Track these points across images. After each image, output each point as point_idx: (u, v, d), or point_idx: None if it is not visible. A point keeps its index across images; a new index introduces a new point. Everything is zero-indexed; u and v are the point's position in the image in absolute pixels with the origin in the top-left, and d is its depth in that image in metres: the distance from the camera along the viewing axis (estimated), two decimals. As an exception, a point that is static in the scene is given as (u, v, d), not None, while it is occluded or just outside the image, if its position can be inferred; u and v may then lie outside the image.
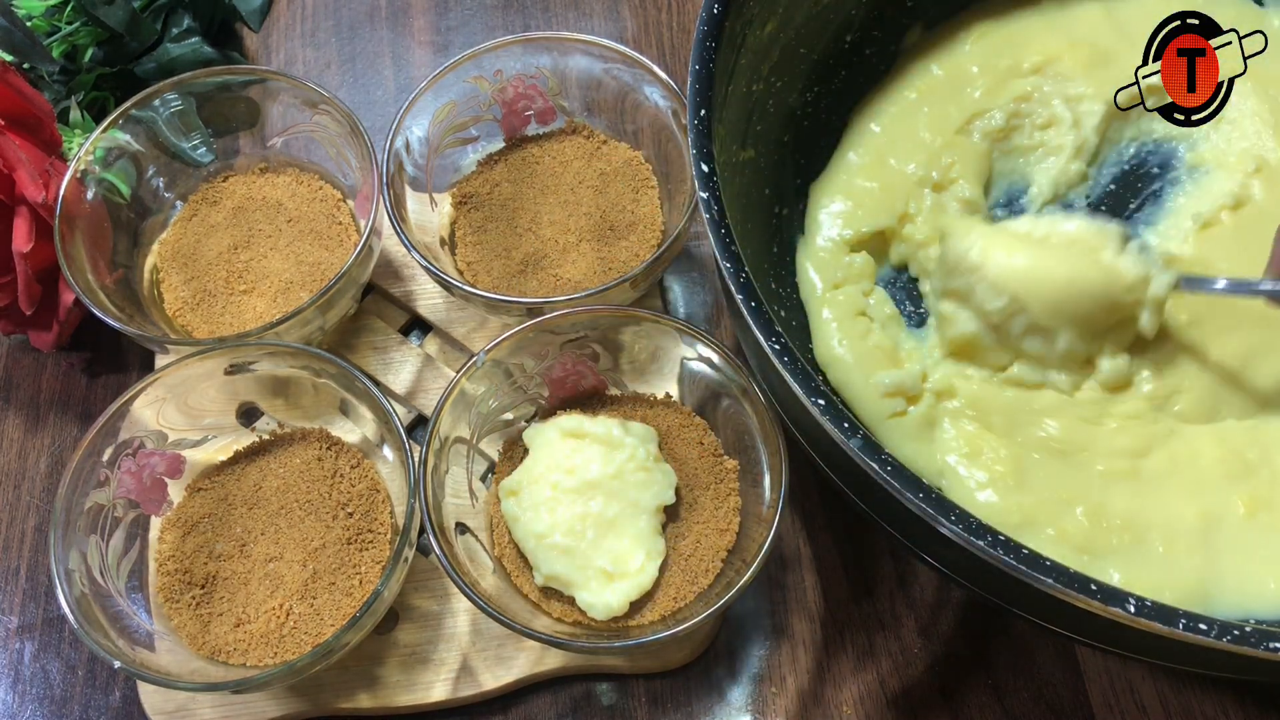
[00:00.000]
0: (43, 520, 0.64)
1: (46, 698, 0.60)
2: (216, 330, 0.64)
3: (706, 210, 0.47)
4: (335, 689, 0.57)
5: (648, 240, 0.66)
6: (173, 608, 0.57)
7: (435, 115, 0.66)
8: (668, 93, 0.65)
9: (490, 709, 0.58)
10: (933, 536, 0.42)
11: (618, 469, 0.56)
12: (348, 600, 0.56)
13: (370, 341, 0.66)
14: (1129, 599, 0.38)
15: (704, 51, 0.51)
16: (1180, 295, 0.59)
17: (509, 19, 0.82)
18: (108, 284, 0.62)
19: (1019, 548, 0.39)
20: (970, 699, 0.58)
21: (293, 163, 0.69)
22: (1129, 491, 0.55)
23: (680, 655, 0.58)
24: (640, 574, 0.55)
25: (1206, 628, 0.38)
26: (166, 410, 0.58)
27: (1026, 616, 0.47)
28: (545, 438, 0.58)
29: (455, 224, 0.67)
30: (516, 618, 0.51)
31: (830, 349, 0.60)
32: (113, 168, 0.65)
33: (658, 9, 0.81)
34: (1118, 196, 0.65)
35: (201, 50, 0.76)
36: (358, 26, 0.82)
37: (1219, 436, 0.56)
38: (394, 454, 0.58)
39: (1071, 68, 0.65)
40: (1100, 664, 0.58)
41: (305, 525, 0.58)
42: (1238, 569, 0.53)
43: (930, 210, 0.62)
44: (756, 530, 0.55)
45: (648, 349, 0.61)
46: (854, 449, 0.42)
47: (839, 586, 0.61)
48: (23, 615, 0.62)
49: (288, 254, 0.66)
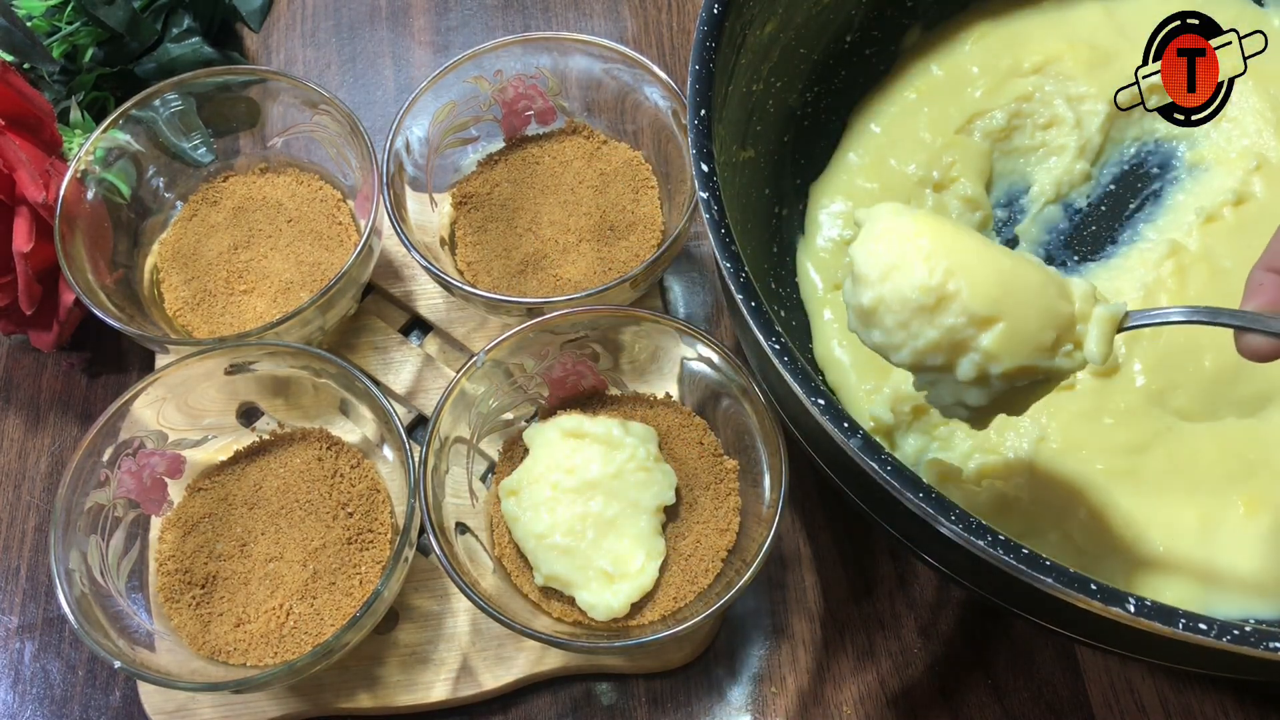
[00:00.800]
0: (43, 520, 0.64)
1: (46, 698, 0.60)
2: (216, 330, 0.64)
3: (706, 210, 0.47)
4: (335, 689, 0.57)
5: (648, 240, 0.66)
6: (173, 608, 0.57)
7: (435, 115, 0.66)
8: (668, 93, 0.65)
9: (490, 709, 0.58)
10: (933, 536, 0.42)
11: (618, 469, 0.56)
12: (348, 600, 0.56)
13: (370, 341, 0.66)
14: (1129, 599, 0.38)
15: (704, 51, 0.51)
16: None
17: (509, 19, 0.82)
18: (108, 284, 0.62)
19: (1019, 548, 0.39)
20: (970, 699, 0.58)
21: (293, 163, 0.69)
22: (1129, 491, 0.55)
23: (680, 655, 0.58)
24: (640, 575, 0.55)
25: (1206, 628, 0.37)
26: (166, 410, 0.58)
27: (1026, 616, 0.47)
28: (545, 438, 0.58)
29: (455, 224, 0.67)
30: (516, 618, 0.51)
31: (830, 350, 0.60)
32: (113, 168, 0.65)
33: (658, 9, 0.81)
34: (1117, 196, 0.65)
35: (201, 50, 0.76)
36: (358, 26, 0.82)
37: (1219, 435, 0.56)
38: (394, 454, 0.58)
39: (1072, 68, 0.65)
40: (1100, 664, 0.58)
41: (305, 525, 0.58)
42: (1238, 569, 0.53)
43: (931, 210, 0.62)
44: (756, 530, 0.55)
45: (648, 349, 0.61)
46: (854, 449, 0.42)
47: (839, 586, 0.61)
48: (23, 615, 0.62)
49: (288, 254, 0.66)
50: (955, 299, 0.41)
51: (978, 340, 0.42)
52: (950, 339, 0.42)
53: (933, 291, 0.42)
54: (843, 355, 0.59)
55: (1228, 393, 0.57)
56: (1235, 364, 0.57)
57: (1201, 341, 0.58)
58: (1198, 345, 0.58)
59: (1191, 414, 0.57)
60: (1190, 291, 0.59)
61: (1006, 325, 0.41)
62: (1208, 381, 0.57)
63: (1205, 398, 0.57)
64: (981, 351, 0.42)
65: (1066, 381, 0.58)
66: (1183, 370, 0.58)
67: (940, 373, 0.43)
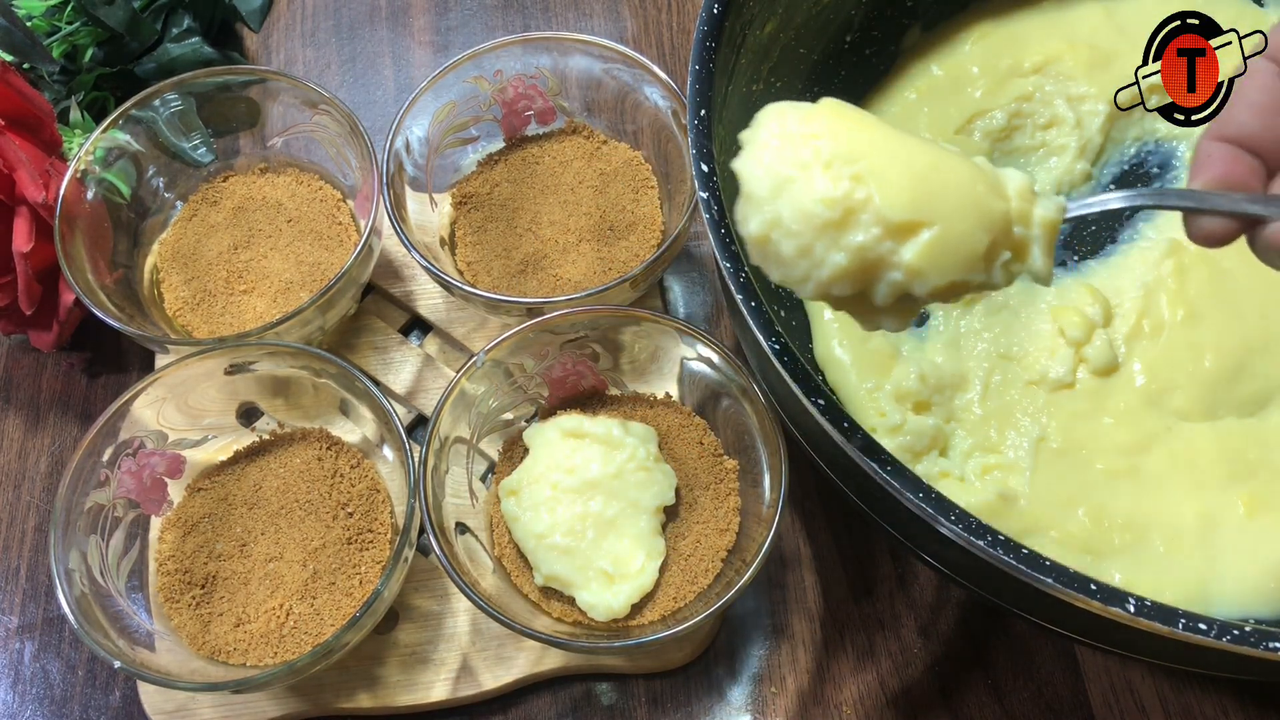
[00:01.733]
0: (43, 520, 0.64)
1: (46, 698, 0.60)
2: (216, 330, 0.64)
3: (706, 210, 0.47)
4: (335, 689, 0.57)
5: (648, 240, 0.66)
6: (173, 608, 0.57)
7: (435, 115, 0.66)
8: (668, 93, 0.65)
9: (490, 709, 0.58)
10: (933, 536, 0.42)
11: (618, 469, 0.56)
12: (348, 600, 0.56)
13: (370, 341, 0.66)
14: (1129, 599, 0.38)
15: (704, 51, 0.51)
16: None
17: (509, 19, 0.82)
18: (108, 284, 0.62)
19: (1019, 548, 0.39)
20: (970, 699, 0.58)
21: (293, 163, 0.69)
22: (1130, 491, 0.55)
23: (680, 655, 0.58)
24: (640, 575, 0.55)
25: (1206, 628, 0.38)
26: (166, 410, 0.58)
27: (1026, 616, 0.47)
28: (545, 438, 0.58)
29: (455, 224, 0.67)
30: (516, 618, 0.51)
31: (830, 350, 0.60)
32: (113, 168, 0.65)
33: (658, 9, 0.81)
34: (1118, 196, 0.65)
35: (201, 50, 0.76)
36: (358, 26, 0.82)
37: (1219, 435, 0.56)
38: (394, 454, 0.58)
39: (1072, 68, 0.65)
40: (1100, 664, 0.58)
41: (305, 525, 0.58)
42: (1238, 569, 0.53)
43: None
44: (756, 530, 0.55)
45: (648, 349, 0.61)
46: (854, 449, 0.42)
47: (839, 586, 0.61)
48: (23, 615, 0.62)
49: (288, 254, 0.66)
50: (865, 208, 0.34)
51: (898, 254, 0.35)
52: (862, 260, 0.35)
53: (837, 204, 0.34)
54: (843, 354, 0.59)
55: (1228, 393, 0.57)
56: (1235, 364, 0.58)
57: (1201, 341, 0.58)
58: (1198, 345, 0.58)
59: (1191, 414, 0.57)
60: (1190, 290, 0.59)
61: (932, 233, 0.34)
62: (1208, 381, 0.57)
63: (1205, 398, 0.57)
64: (903, 268, 0.35)
65: (1066, 381, 0.58)
66: (1182, 370, 0.58)
67: (854, 305, 0.37)
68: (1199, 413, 0.57)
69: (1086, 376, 0.58)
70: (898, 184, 0.34)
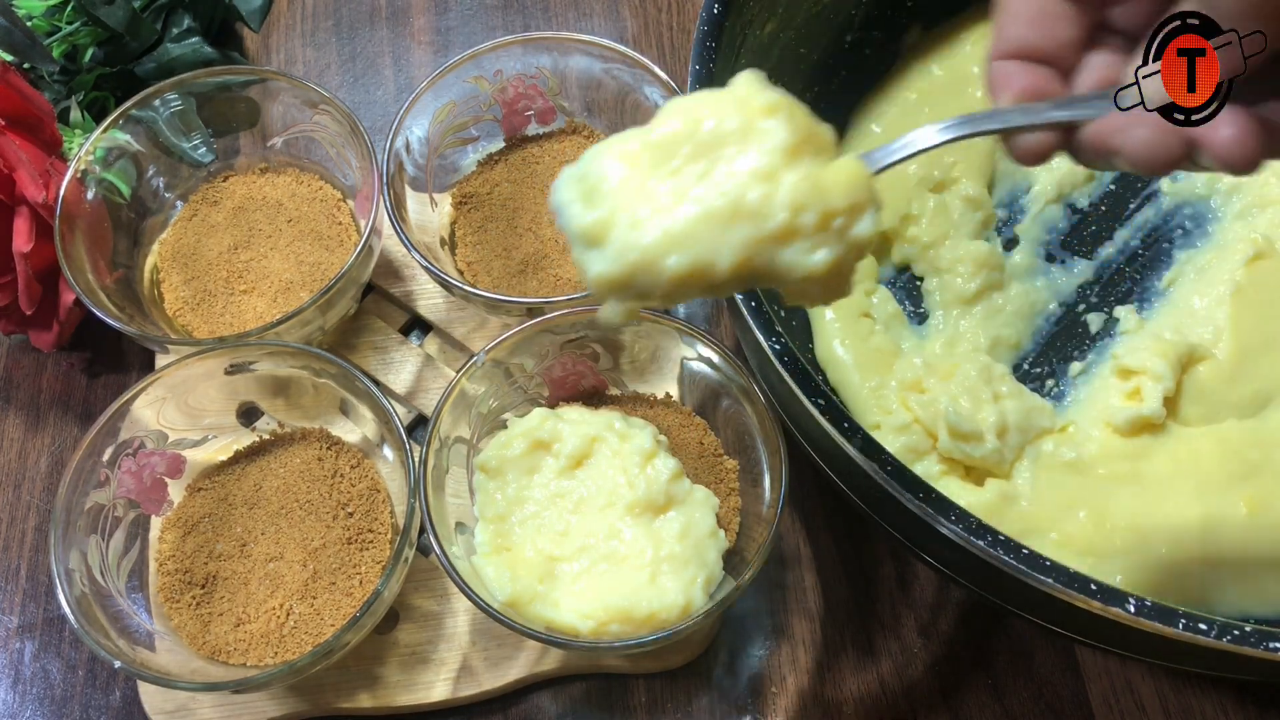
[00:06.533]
0: (43, 520, 0.64)
1: (46, 697, 0.60)
2: (216, 330, 0.64)
3: (706, 210, 0.47)
4: (335, 689, 0.57)
5: (648, 240, 0.66)
6: (173, 607, 0.57)
7: (435, 115, 0.66)
8: (668, 93, 0.65)
9: (490, 709, 0.58)
10: (933, 536, 0.42)
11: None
12: (348, 600, 0.56)
13: (370, 341, 0.66)
14: (1129, 599, 0.38)
15: (704, 51, 0.51)
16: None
17: (509, 19, 0.82)
18: (108, 284, 0.62)
19: (1019, 548, 0.39)
20: (970, 699, 0.58)
21: (293, 163, 0.69)
22: (1131, 494, 0.55)
23: (680, 655, 0.58)
24: None
25: (1206, 628, 0.38)
26: (166, 410, 0.59)
27: (1026, 616, 0.47)
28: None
29: (455, 224, 0.67)
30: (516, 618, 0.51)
31: (831, 350, 0.60)
32: (113, 168, 0.65)
33: (658, 9, 0.81)
34: (1118, 196, 0.65)
35: (201, 50, 0.76)
36: (358, 26, 0.82)
37: (1219, 436, 0.56)
38: (394, 454, 0.58)
39: (1072, 68, 0.65)
40: (1100, 664, 0.58)
41: (305, 525, 0.58)
42: (1238, 569, 0.53)
43: (933, 211, 0.62)
44: (756, 530, 0.55)
45: (648, 349, 0.61)
46: (854, 449, 0.42)
47: (839, 586, 0.61)
48: (23, 615, 0.62)
49: (288, 254, 0.66)
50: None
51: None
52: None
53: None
54: (844, 354, 0.59)
55: (1227, 394, 0.57)
56: (1234, 365, 0.58)
57: (1201, 343, 0.58)
58: (1198, 346, 0.58)
59: (1191, 416, 0.57)
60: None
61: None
62: (1207, 383, 0.57)
63: (1205, 399, 0.57)
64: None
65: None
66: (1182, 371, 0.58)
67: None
68: (1199, 414, 0.57)
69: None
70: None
